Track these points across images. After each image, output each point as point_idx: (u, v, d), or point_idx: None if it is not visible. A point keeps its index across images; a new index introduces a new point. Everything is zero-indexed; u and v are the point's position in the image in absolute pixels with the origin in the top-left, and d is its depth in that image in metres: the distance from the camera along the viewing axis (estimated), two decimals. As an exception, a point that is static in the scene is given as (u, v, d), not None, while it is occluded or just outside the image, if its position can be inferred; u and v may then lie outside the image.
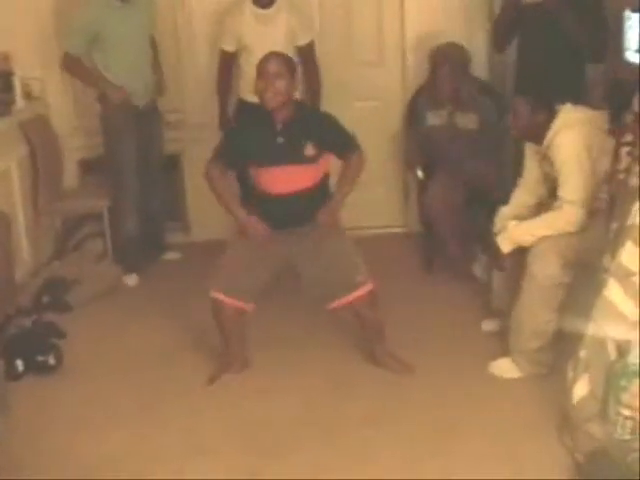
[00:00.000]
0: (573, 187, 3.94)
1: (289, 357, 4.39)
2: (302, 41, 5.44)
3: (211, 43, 5.75)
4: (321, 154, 4.00)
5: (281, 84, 3.85)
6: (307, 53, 5.48)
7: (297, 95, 4.18)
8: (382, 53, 6.01)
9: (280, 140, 3.94)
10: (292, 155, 3.95)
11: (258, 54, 5.10)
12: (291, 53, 4.80)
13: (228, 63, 5.53)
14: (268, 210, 4.03)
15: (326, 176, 4.12)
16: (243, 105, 5.43)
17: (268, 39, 5.11)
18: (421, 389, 4.04)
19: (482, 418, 3.77)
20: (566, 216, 3.96)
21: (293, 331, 4.66)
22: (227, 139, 4.21)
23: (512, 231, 4.10)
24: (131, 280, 5.51)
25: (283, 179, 3.97)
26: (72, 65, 5.30)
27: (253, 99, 4.23)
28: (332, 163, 4.14)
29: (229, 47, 5.46)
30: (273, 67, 3.86)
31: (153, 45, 5.54)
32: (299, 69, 5.13)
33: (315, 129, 4.00)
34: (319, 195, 4.07)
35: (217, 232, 5.94)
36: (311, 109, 4.23)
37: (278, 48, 4.34)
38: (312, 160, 3.98)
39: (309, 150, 3.95)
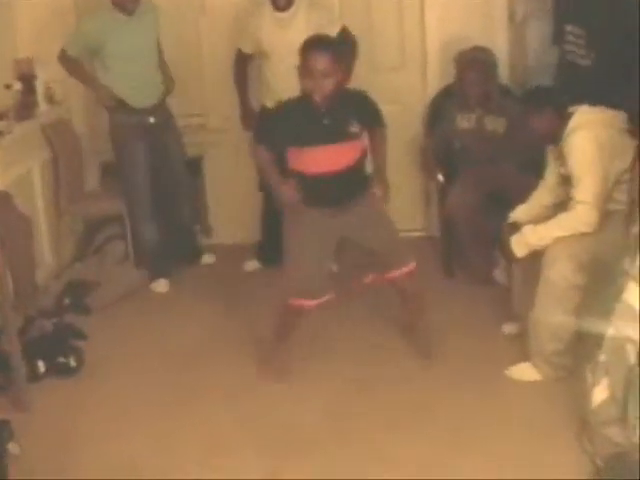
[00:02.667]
0: (585, 187, 3.92)
1: (310, 362, 4.39)
2: (331, 33, 5.00)
3: (233, 48, 5.60)
4: (363, 130, 3.98)
5: (329, 82, 3.76)
6: (342, 40, 5.17)
7: None
8: (403, 57, 5.98)
9: (326, 121, 3.87)
10: (339, 134, 3.88)
11: (277, 60, 5.10)
12: None
13: (243, 62, 5.46)
14: (313, 190, 3.94)
15: (365, 152, 4.06)
16: (266, 112, 5.18)
17: (288, 43, 4.80)
18: (441, 391, 4.05)
19: (501, 421, 3.77)
20: (579, 216, 3.94)
21: (314, 337, 4.62)
22: (267, 124, 4.11)
23: (528, 235, 4.09)
24: (160, 286, 5.43)
25: (329, 158, 3.90)
26: (66, 61, 5.27)
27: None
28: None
29: (246, 49, 5.38)
30: (321, 65, 3.73)
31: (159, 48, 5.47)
32: None
33: (356, 107, 3.97)
34: (360, 171, 4.05)
35: (238, 235, 5.98)
36: (349, 88, 4.21)
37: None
38: (356, 136, 3.95)
39: (354, 127, 3.91)
